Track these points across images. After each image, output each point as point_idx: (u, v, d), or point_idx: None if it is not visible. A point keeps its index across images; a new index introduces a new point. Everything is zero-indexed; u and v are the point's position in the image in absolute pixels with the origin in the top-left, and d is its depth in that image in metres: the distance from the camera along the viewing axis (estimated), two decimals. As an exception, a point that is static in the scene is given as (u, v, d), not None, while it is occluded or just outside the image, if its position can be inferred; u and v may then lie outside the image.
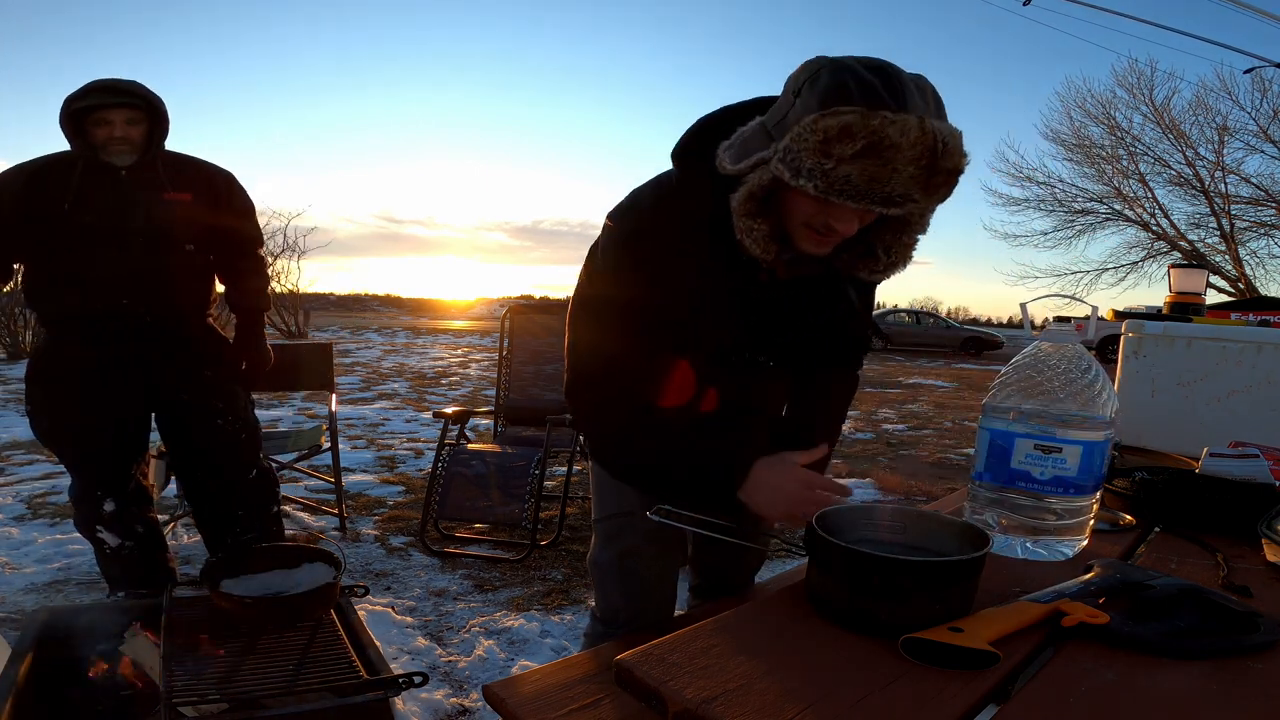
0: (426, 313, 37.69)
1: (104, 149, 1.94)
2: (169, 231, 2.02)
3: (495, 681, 0.86)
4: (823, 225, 0.89)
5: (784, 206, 0.91)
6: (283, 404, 6.56)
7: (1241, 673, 0.75)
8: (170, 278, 2.05)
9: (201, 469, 2.22)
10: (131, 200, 1.97)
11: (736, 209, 0.91)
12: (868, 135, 0.77)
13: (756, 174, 0.88)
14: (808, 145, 0.80)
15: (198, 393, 2.15)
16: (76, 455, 2.10)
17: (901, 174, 0.80)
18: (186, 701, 1.30)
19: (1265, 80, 14.54)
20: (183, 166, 2.09)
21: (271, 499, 2.35)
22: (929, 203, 0.85)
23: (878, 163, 0.78)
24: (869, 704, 0.67)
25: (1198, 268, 3.27)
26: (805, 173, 0.81)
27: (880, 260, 0.99)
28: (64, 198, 1.91)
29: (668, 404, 1.08)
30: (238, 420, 2.22)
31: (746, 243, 0.93)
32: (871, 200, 0.82)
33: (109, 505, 2.11)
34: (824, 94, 0.80)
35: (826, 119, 0.78)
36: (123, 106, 1.93)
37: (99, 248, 1.94)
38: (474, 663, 2.14)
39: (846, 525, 0.95)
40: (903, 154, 0.78)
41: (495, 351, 7.24)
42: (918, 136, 0.78)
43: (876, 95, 0.78)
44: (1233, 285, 16.73)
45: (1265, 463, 1.52)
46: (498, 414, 3.64)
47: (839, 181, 0.80)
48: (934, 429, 6.67)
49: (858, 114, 0.77)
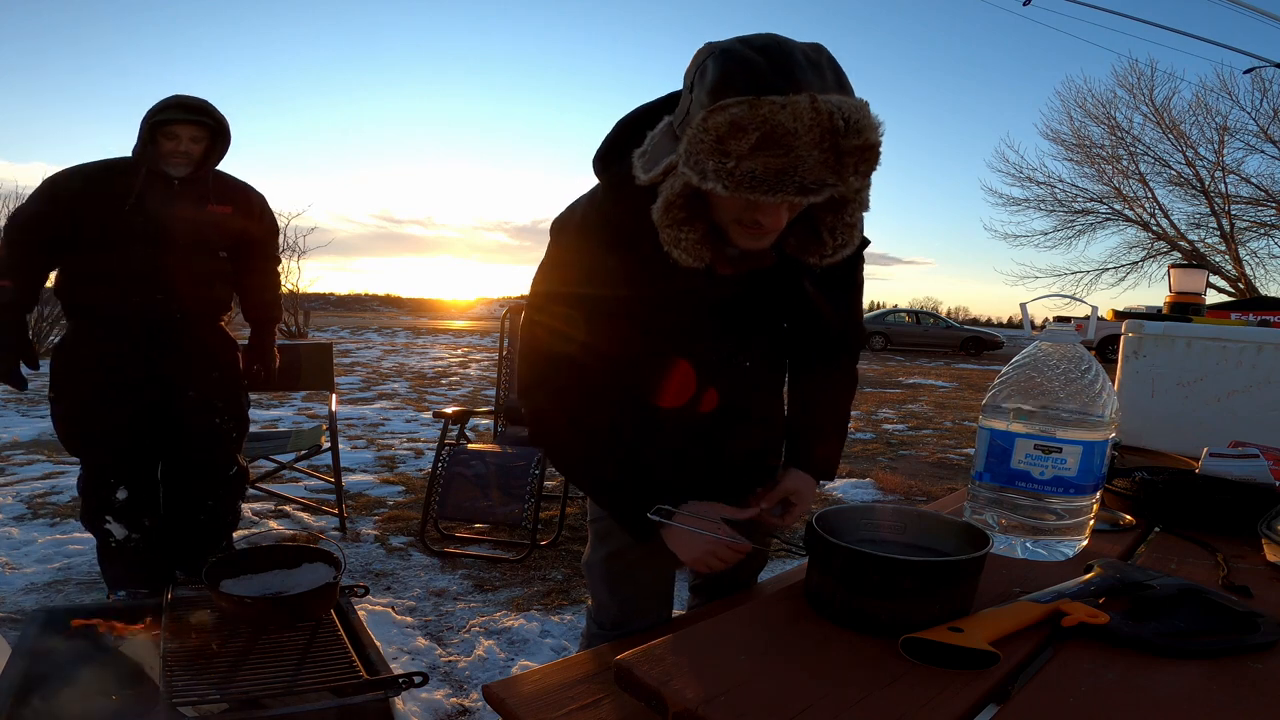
0: (426, 313, 37.71)
1: (165, 160, 2.12)
2: (207, 239, 2.23)
3: (495, 681, 0.86)
4: (750, 221, 0.85)
5: (710, 205, 0.87)
6: (283, 404, 6.55)
7: (1241, 673, 0.75)
8: (203, 280, 2.24)
9: (187, 459, 2.33)
10: (179, 207, 2.15)
11: (658, 220, 0.87)
12: (759, 126, 0.73)
13: (669, 181, 0.84)
14: (704, 146, 0.76)
15: (204, 389, 2.29)
16: (94, 442, 2.20)
17: (806, 160, 0.75)
18: (186, 701, 1.29)
19: (1265, 80, 14.53)
20: (227, 184, 2.30)
21: (240, 494, 2.48)
22: (848, 184, 0.79)
23: (778, 152, 0.74)
24: (869, 704, 0.67)
25: (1198, 268, 3.27)
26: (711, 174, 0.77)
27: (827, 244, 0.94)
28: (126, 199, 2.08)
29: (665, 403, 1.07)
30: (233, 419, 2.36)
31: (675, 254, 0.89)
32: (786, 191, 0.76)
33: (122, 493, 2.22)
34: (711, 87, 0.76)
35: (715, 115, 0.74)
36: (192, 123, 2.12)
37: (144, 247, 2.11)
38: (474, 663, 2.14)
39: (846, 525, 0.95)
40: (800, 139, 0.73)
41: (495, 351, 7.25)
42: (812, 119, 0.73)
43: (762, 79, 0.74)
44: (1233, 285, 16.72)
45: (1265, 463, 1.52)
46: (498, 414, 3.64)
47: (746, 178, 0.75)
48: (934, 429, 6.67)
49: (745, 104, 0.73)
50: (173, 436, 2.30)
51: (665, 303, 1.00)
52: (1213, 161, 16.37)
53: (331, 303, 41.27)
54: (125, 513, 2.23)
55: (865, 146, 0.77)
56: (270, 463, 3.52)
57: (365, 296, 51.61)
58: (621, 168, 0.93)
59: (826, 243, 0.94)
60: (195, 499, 2.36)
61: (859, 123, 0.75)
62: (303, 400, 6.79)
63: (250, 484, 3.26)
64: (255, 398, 2.43)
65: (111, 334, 2.15)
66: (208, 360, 2.29)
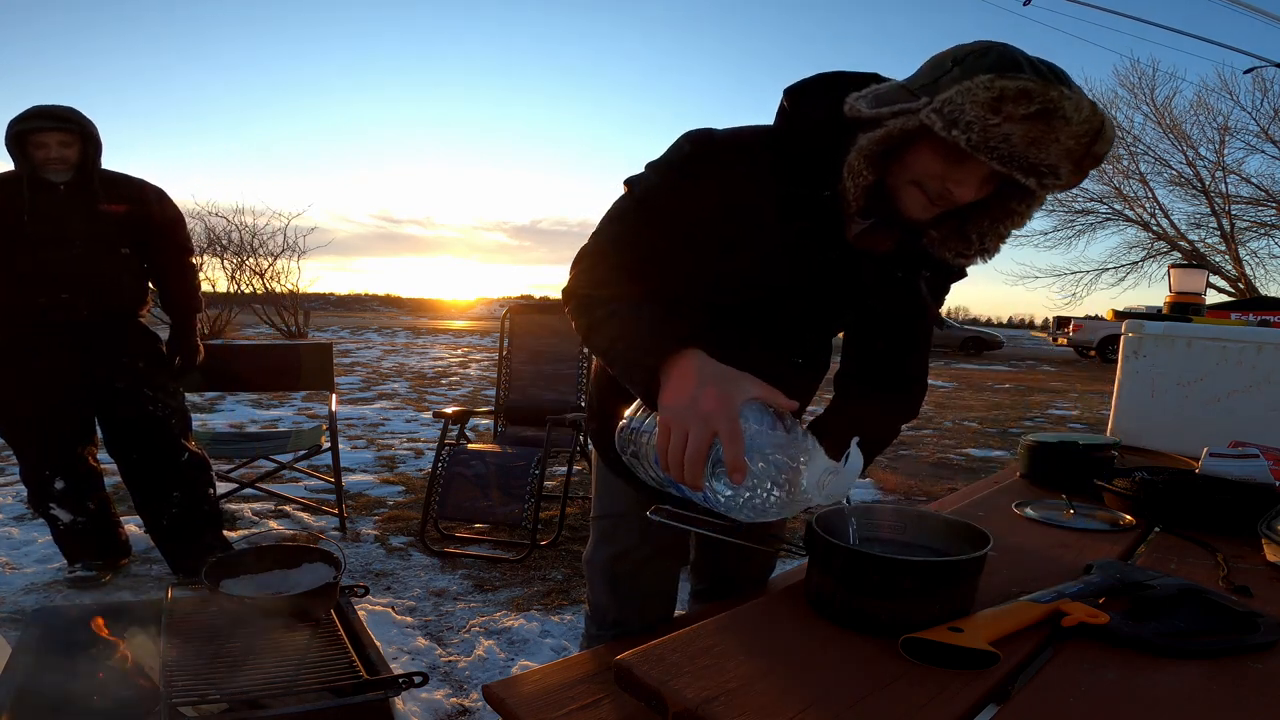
0: (426, 313, 37.70)
1: (43, 168, 2.24)
2: (105, 237, 2.32)
3: (495, 681, 0.86)
4: (938, 189, 0.87)
5: (901, 161, 0.89)
6: (283, 404, 6.55)
7: (1241, 673, 0.75)
8: (106, 277, 2.33)
9: (135, 450, 2.43)
10: (70, 211, 2.26)
11: (864, 147, 0.88)
12: (1044, 102, 0.77)
13: (898, 120, 0.85)
14: (977, 99, 0.79)
15: (130, 381, 2.39)
16: (21, 435, 2.37)
17: (1061, 145, 0.79)
18: (186, 701, 1.29)
19: (1266, 80, 14.56)
20: (117, 183, 2.37)
21: (205, 482, 2.54)
22: (1071, 181, 0.83)
23: (1044, 129, 0.78)
24: (869, 704, 0.67)
25: (1198, 268, 3.28)
26: (963, 125, 0.79)
27: (972, 244, 0.95)
28: (23, 210, 2.20)
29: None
30: (166, 407, 2.45)
31: (848, 183, 0.90)
32: (1018, 166, 0.80)
33: (59, 484, 2.40)
34: (998, 63, 0.80)
35: (1003, 80, 0.78)
36: (57, 130, 2.22)
37: (47, 251, 2.24)
38: (474, 663, 2.14)
39: (846, 525, 0.95)
40: (1070, 128, 0.78)
41: (495, 351, 7.24)
42: (1089, 115, 0.78)
43: (1050, 75, 0.80)
44: (1233, 285, 16.73)
45: (1265, 463, 1.52)
46: (498, 414, 3.64)
47: (996, 138, 0.79)
48: (934, 429, 6.67)
49: (1036, 83, 0.77)
50: (115, 433, 2.43)
51: (769, 253, 0.98)
52: (1213, 161, 16.40)
53: (331, 303, 41.29)
54: (66, 499, 2.41)
55: (1101, 156, 0.82)
56: (270, 463, 3.52)
57: (365, 296, 51.65)
58: (817, 101, 0.94)
59: (973, 243, 0.95)
60: (158, 492, 2.45)
61: (1111, 137, 0.81)
62: (303, 400, 6.79)
63: (250, 484, 3.28)
64: (255, 398, 2.46)
65: (23, 332, 2.28)
66: (129, 354, 2.39)
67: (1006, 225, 0.93)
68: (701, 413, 0.77)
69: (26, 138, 2.20)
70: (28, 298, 2.24)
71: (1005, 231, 0.93)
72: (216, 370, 3.13)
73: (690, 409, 0.78)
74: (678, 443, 0.78)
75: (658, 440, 0.81)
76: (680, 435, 0.78)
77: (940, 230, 0.95)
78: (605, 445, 1.20)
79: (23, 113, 2.22)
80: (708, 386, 0.79)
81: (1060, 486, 1.51)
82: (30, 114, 2.21)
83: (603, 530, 1.23)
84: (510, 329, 3.71)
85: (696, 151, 0.97)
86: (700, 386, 0.79)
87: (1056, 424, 7.13)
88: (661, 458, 0.81)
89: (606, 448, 1.19)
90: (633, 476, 0.97)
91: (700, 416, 0.77)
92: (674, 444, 0.79)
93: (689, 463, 0.77)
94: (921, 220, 0.92)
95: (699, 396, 0.78)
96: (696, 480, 0.78)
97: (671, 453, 0.79)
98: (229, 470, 3.32)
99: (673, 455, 0.79)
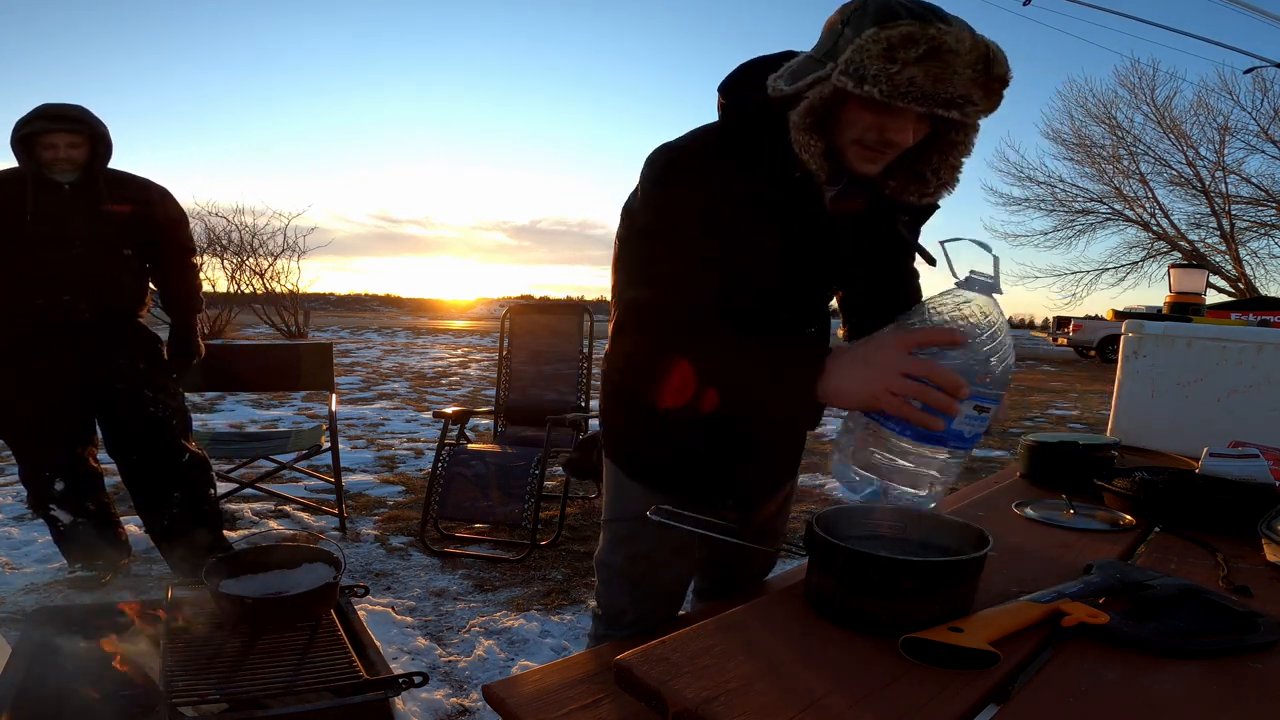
0: (426, 313, 37.71)
1: (49, 168, 2.22)
2: (107, 238, 2.30)
3: (495, 681, 0.87)
4: (877, 139, 0.91)
5: (838, 124, 0.93)
6: (283, 404, 6.54)
7: (1241, 673, 0.75)
8: (107, 278, 2.32)
9: (135, 451, 2.42)
10: (74, 211, 2.25)
11: (797, 123, 0.93)
12: (928, 41, 0.82)
13: (816, 90, 0.91)
14: (871, 54, 0.84)
15: (130, 381, 2.38)
16: (21, 436, 2.36)
17: (961, 76, 0.84)
18: (186, 701, 1.29)
19: (1266, 80, 14.57)
20: (122, 183, 2.35)
21: (206, 483, 2.53)
22: (985, 106, 0.89)
23: (939, 65, 0.83)
24: (869, 704, 0.67)
25: (1198, 268, 3.28)
26: (870, 79, 0.85)
27: (929, 181, 1.00)
28: (24, 210, 2.19)
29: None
30: (167, 408, 2.44)
31: (805, 158, 0.94)
32: (934, 102, 0.85)
33: (59, 485, 2.39)
34: (877, 14, 0.86)
35: (887, 30, 0.84)
36: (65, 131, 2.20)
37: (47, 251, 2.22)
38: (474, 663, 2.14)
39: (846, 525, 0.95)
40: (961, 58, 0.84)
41: (495, 351, 7.24)
42: (972, 44, 0.84)
43: (927, 13, 0.85)
44: (1233, 285, 16.73)
45: (1265, 463, 1.52)
46: (498, 414, 3.65)
47: (904, 84, 0.84)
48: (934, 429, 6.66)
49: (916, 25, 0.83)
50: (115, 434, 2.42)
51: (759, 225, 1.00)
52: (1213, 161, 16.40)
53: (331, 303, 41.30)
54: (66, 500, 2.40)
55: (1004, 78, 0.87)
56: (270, 463, 3.53)
57: (365, 296, 51.67)
58: (749, 91, 0.99)
59: (929, 180, 1.00)
60: (159, 492, 2.44)
61: (1003, 58, 0.86)
62: (303, 400, 6.78)
63: (250, 484, 3.29)
64: (255, 398, 2.46)
65: (23, 332, 2.27)
66: (129, 354, 2.38)
67: (954, 155, 0.99)
68: (887, 358, 0.83)
69: (35, 138, 2.19)
70: (28, 298, 2.23)
71: (956, 161, 0.99)
72: (216, 370, 3.13)
73: (876, 368, 0.84)
74: (907, 388, 0.82)
75: (886, 407, 0.84)
76: (899, 384, 0.82)
77: (897, 179, 1.01)
78: (619, 450, 1.21)
79: (32, 112, 2.20)
80: (858, 351, 0.86)
81: (1060, 486, 1.51)
82: (36, 114, 2.20)
83: (618, 533, 1.23)
84: (510, 329, 3.71)
85: (669, 161, 1.00)
86: (857, 360, 0.86)
87: (1056, 424, 7.13)
88: (904, 416, 0.83)
89: (620, 453, 1.21)
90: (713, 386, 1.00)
91: (887, 360, 0.83)
92: (903, 390, 0.82)
93: (943, 381, 0.81)
94: (875, 174, 0.98)
95: (868, 356, 0.85)
96: (962, 388, 0.81)
97: (911, 400, 0.82)
98: (229, 470, 3.32)
99: (913, 398, 0.82)
